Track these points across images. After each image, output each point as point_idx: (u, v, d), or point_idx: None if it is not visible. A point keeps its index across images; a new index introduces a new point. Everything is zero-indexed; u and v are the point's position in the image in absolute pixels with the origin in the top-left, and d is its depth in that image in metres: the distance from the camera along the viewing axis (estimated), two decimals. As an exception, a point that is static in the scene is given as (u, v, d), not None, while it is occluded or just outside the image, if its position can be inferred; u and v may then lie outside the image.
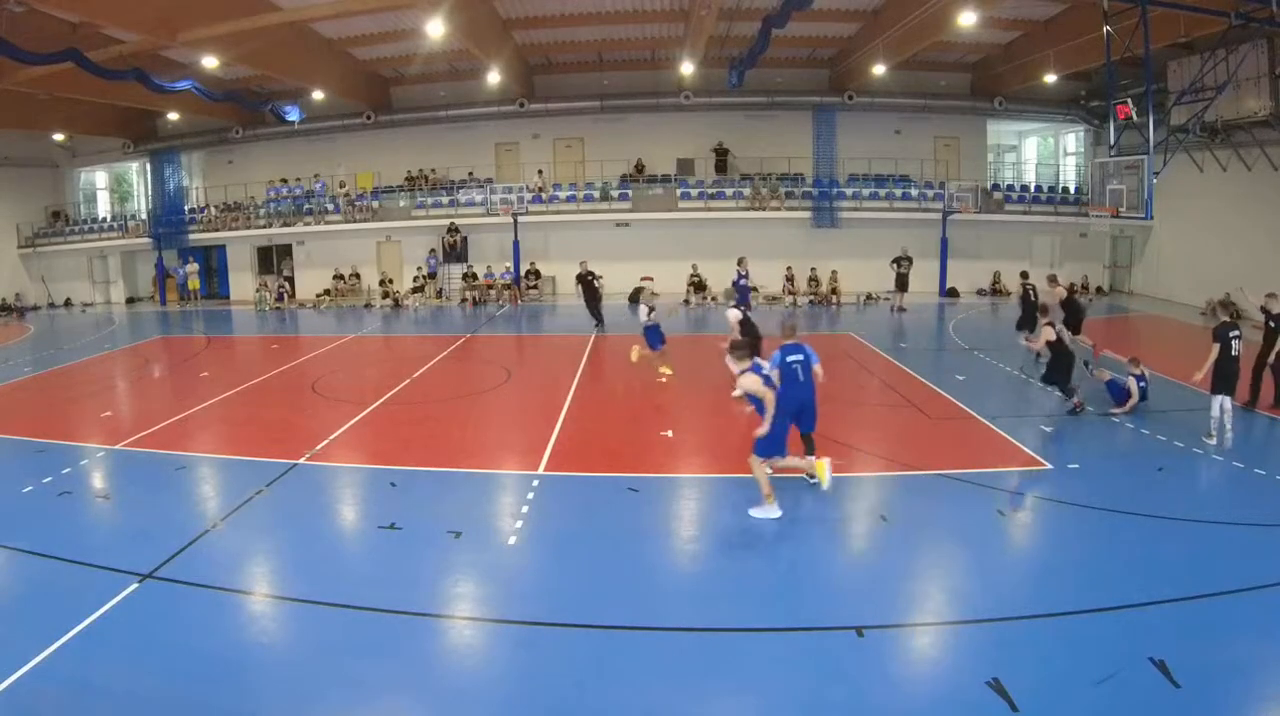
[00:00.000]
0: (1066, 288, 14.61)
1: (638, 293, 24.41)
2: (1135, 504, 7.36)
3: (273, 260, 27.26)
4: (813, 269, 23.41)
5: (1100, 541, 6.71)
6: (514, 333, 19.86)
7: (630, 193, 24.85)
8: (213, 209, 26.84)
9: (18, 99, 20.32)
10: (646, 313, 12.97)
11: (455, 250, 25.27)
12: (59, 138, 26.57)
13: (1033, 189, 25.61)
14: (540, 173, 25.34)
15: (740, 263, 16.57)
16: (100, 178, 30.48)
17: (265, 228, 26.05)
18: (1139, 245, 24.01)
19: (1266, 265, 17.64)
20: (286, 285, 25.66)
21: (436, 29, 16.16)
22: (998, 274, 23.85)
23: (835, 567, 6.51)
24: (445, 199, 25.55)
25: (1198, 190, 20.41)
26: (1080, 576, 6.06)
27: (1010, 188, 25.78)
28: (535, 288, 24.80)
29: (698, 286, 22.80)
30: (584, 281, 18.91)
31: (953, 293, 23.91)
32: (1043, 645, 5.09)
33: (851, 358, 15.09)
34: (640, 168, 25.71)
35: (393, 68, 24.26)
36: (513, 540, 6.87)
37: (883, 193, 24.67)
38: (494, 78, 21.44)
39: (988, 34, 20.68)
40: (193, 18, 15.87)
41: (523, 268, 24.83)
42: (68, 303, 27.50)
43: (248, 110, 24.08)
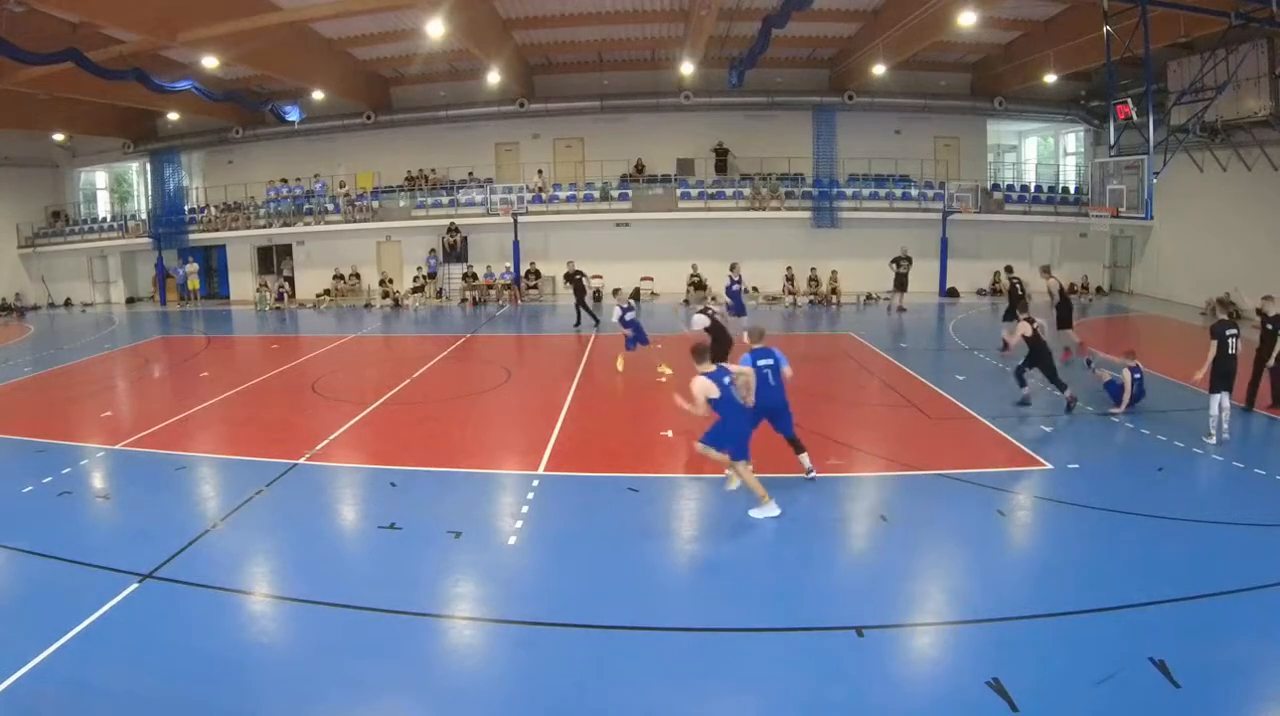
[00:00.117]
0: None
1: (637, 293, 24.52)
2: (1135, 504, 7.36)
3: (273, 260, 27.28)
4: (813, 269, 23.42)
5: (1100, 541, 6.70)
6: (514, 333, 19.86)
7: (630, 193, 24.86)
8: (213, 209, 26.85)
9: (18, 99, 20.33)
10: (619, 315, 13.20)
11: (455, 250, 25.29)
12: (59, 138, 26.59)
13: (1033, 189, 25.61)
14: (540, 173, 25.35)
15: (733, 268, 16.62)
16: (100, 178, 30.49)
17: (265, 228, 26.06)
18: (1139, 245, 24.03)
19: (1266, 265, 17.65)
20: (286, 285, 25.66)
21: (436, 29, 16.18)
22: (998, 274, 23.81)
23: (835, 567, 6.51)
24: (445, 199, 25.56)
25: (1198, 190, 20.41)
26: (1080, 576, 6.06)
27: (1010, 188, 25.79)
28: (535, 288, 24.80)
29: (698, 286, 22.79)
30: (573, 280, 18.94)
31: (953, 293, 23.92)
32: (1043, 645, 5.09)
33: (851, 358, 15.09)
34: (640, 168, 25.72)
35: (393, 68, 24.27)
36: (513, 540, 6.87)
37: (883, 193, 24.68)
38: (494, 78, 21.46)
39: (988, 34, 20.69)
40: (193, 18, 15.89)
41: (523, 268, 24.84)
42: (68, 302, 27.51)
43: (248, 110, 24.09)
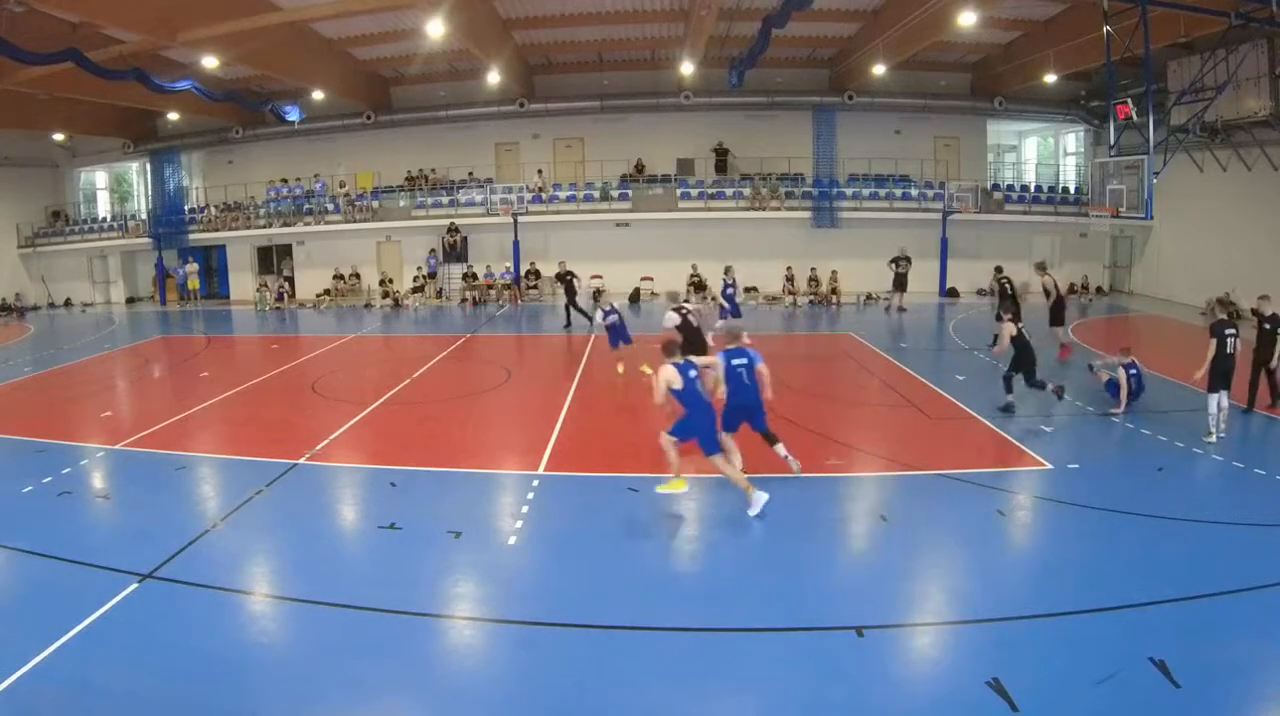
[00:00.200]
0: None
1: (637, 293, 24.54)
2: (1135, 504, 7.36)
3: (273, 260, 27.26)
4: (813, 269, 23.41)
5: (1100, 541, 6.70)
6: (514, 333, 19.86)
7: (630, 193, 24.85)
8: (213, 209, 26.85)
9: (18, 99, 20.33)
10: (603, 315, 13.36)
11: (455, 250, 25.28)
12: (59, 138, 26.58)
13: (1033, 189, 25.61)
14: (540, 173, 25.34)
15: (727, 272, 16.65)
16: (100, 178, 30.48)
17: (265, 228, 26.06)
18: (1139, 245, 24.03)
19: (1266, 265, 17.65)
20: (286, 285, 25.65)
21: (436, 29, 16.18)
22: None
23: (835, 567, 6.51)
24: (445, 199, 25.55)
25: (1198, 190, 20.41)
26: (1080, 576, 6.06)
27: (1010, 188, 25.78)
28: (535, 288, 24.80)
29: (698, 286, 22.79)
30: (563, 281, 19.00)
31: (953, 293, 23.92)
32: (1043, 645, 5.09)
33: (851, 358, 15.10)
34: (640, 168, 25.71)
35: (393, 68, 24.27)
36: (513, 540, 6.87)
37: (883, 193, 24.67)
38: (494, 78, 21.45)
39: (988, 34, 20.68)
40: (193, 18, 15.89)
41: (523, 268, 24.83)
42: (68, 302, 27.50)
43: (248, 110, 24.09)
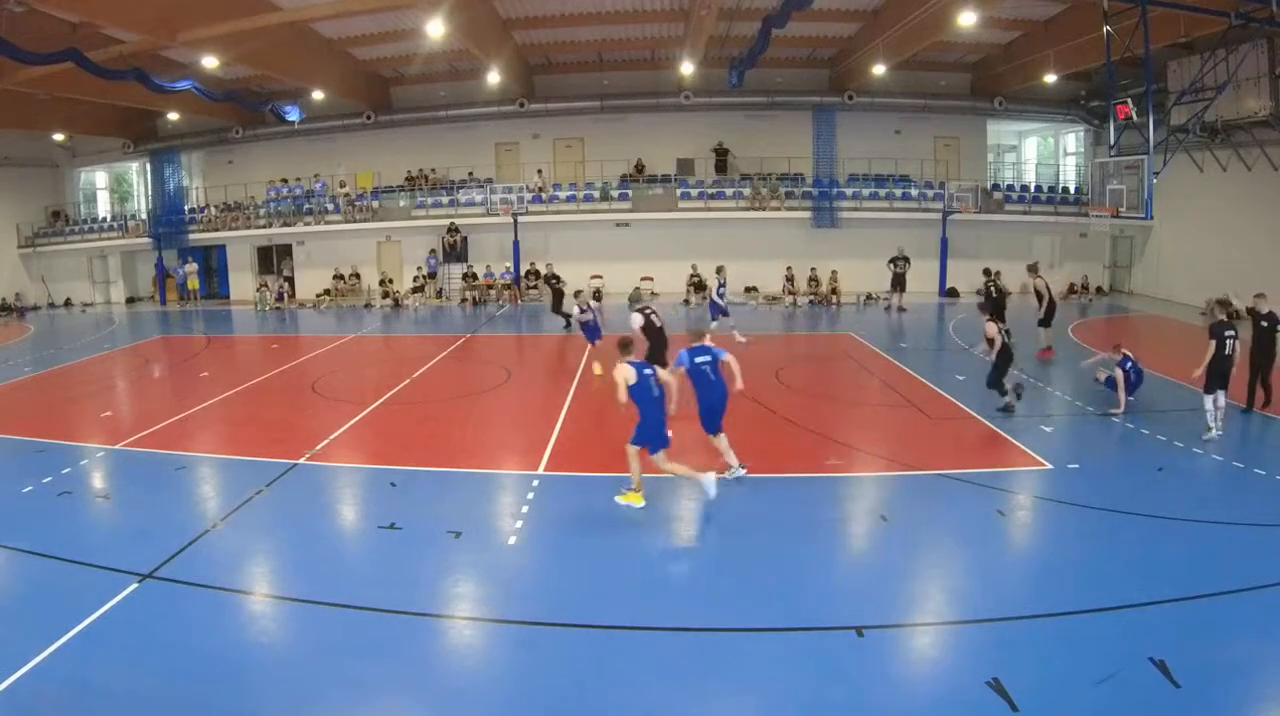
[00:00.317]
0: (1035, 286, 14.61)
1: (637, 293, 24.50)
2: (1135, 504, 7.36)
3: (273, 260, 27.25)
4: (813, 269, 23.40)
5: (1100, 541, 6.70)
6: (514, 333, 19.85)
7: (630, 193, 24.85)
8: (213, 209, 26.84)
9: (18, 99, 20.32)
10: (579, 311, 13.52)
11: (455, 250, 25.28)
12: (59, 138, 26.57)
13: (1033, 189, 25.60)
14: (540, 173, 25.33)
15: (719, 271, 16.68)
16: (100, 178, 30.47)
17: (265, 228, 26.05)
18: (1139, 245, 24.02)
19: (1266, 265, 17.64)
20: (286, 285, 25.65)
21: (436, 29, 16.17)
22: (998, 273, 23.78)
23: (835, 567, 6.51)
24: (445, 199, 25.55)
25: (1198, 190, 20.41)
26: (1080, 576, 6.06)
27: (1010, 188, 25.78)
28: (535, 288, 24.79)
29: (698, 287, 22.80)
30: (550, 284, 18.98)
31: (952, 292, 23.90)
32: (1043, 645, 5.09)
33: (851, 357, 15.11)
34: (640, 168, 25.71)
35: (393, 68, 24.26)
36: (513, 540, 6.87)
37: (883, 193, 24.67)
38: (494, 78, 21.45)
39: (988, 34, 20.68)
40: (193, 18, 15.88)
41: (523, 268, 24.83)
42: (68, 302, 27.49)
43: (248, 110, 24.08)
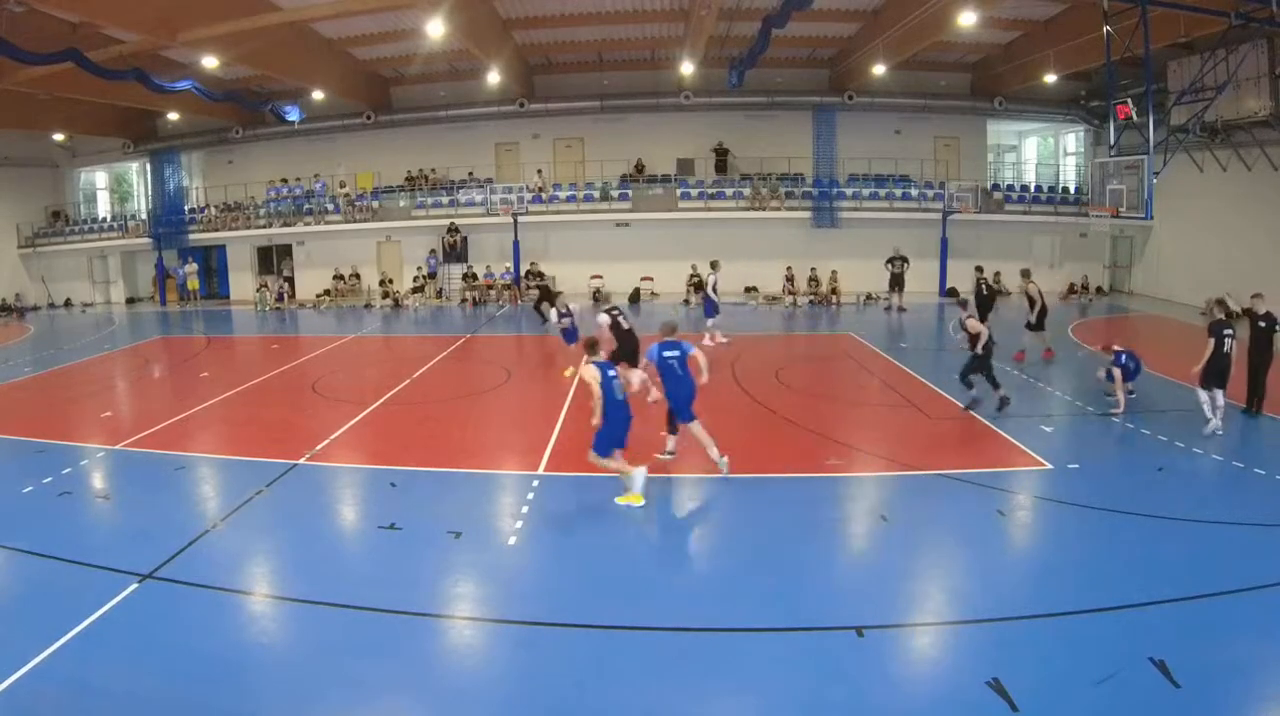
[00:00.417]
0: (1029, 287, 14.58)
1: (637, 293, 24.53)
2: (1135, 504, 7.36)
3: (273, 260, 27.25)
4: (813, 269, 23.41)
5: (1100, 541, 6.70)
6: (514, 333, 19.84)
7: (630, 193, 24.85)
8: (213, 209, 26.84)
9: (18, 99, 20.32)
10: (558, 316, 13.59)
11: (455, 250, 25.28)
12: (59, 138, 26.57)
13: (1033, 189, 25.60)
14: (540, 173, 25.34)
15: (714, 266, 16.69)
16: (100, 178, 30.47)
17: (265, 228, 26.05)
18: (1139, 245, 24.03)
19: (1266, 265, 17.64)
20: (286, 285, 25.64)
21: (436, 29, 16.17)
22: (998, 274, 23.67)
23: (835, 567, 6.51)
24: (445, 199, 25.55)
25: (1198, 190, 20.41)
26: (1080, 576, 6.06)
27: (1010, 188, 25.78)
28: (535, 288, 24.79)
29: (697, 287, 22.78)
30: (539, 286, 19.03)
31: (952, 292, 23.82)
32: (1043, 645, 5.09)
33: (851, 358, 15.10)
34: (640, 168, 25.71)
35: (393, 68, 24.26)
36: (513, 540, 6.87)
37: (883, 193, 24.67)
38: (494, 78, 21.45)
39: (988, 34, 20.68)
40: (193, 18, 15.88)
41: (523, 268, 24.84)
42: (68, 303, 27.49)
43: (248, 110, 24.08)
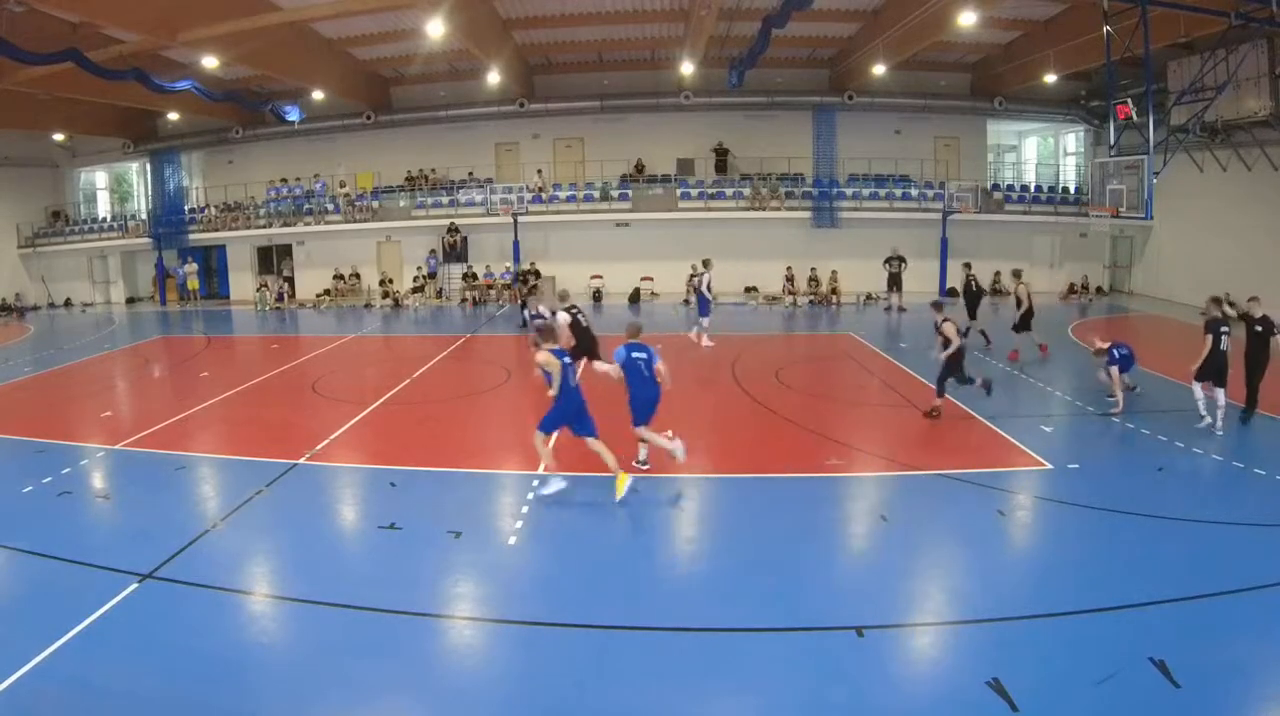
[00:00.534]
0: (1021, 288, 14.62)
1: (637, 293, 24.54)
2: (1135, 504, 7.36)
3: (273, 260, 27.25)
4: (813, 269, 23.42)
5: (1100, 541, 6.70)
6: (514, 333, 19.83)
7: (630, 193, 24.85)
8: (213, 209, 26.84)
9: (18, 99, 20.31)
10: (530, 317, 13.56)
11: (455, 250, 25.27)
12: (59, 138, 26.57)
13: (1033, 189, 25.60)
14: (540, 173, 25.34)
15: (706, 264, 16.69)
16: (100, 178, 30.47)
17: (265, 228, 26.04)
18: (1139, 245, 24.03)
19: (1266, 265, 17.65)
20: (286, 285, 25.64)
21: (436, 29, 16.17)
22: (997, 274, 23.78)
23: (835, 567, 6.51)
24: (445, 199, 25.55)
25: (1198, 190, 20.41)
26: (1080, 576, 6.06)
27: (1010, 188, 25.78)
28: (535, 288, 24.79)
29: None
30: (528, 284, 19.01)
31: (952, 292, 23.82)
32: (1043, 645, 5.09)
33: (851, 358, 15.10)
34: (640, 168, 25.71)
35: (393, 68, 24.26)
36: (513, 540, 6.87)
37: (883, 193, 24.67)
38: (494, 78, 21.44)
39: (988, 34, 20.68)
40: (193, 18, 15.88)
41: (523, 267, 24.83)
42: (68, 303, 27.49)
43: (248, 110, 24.07)
